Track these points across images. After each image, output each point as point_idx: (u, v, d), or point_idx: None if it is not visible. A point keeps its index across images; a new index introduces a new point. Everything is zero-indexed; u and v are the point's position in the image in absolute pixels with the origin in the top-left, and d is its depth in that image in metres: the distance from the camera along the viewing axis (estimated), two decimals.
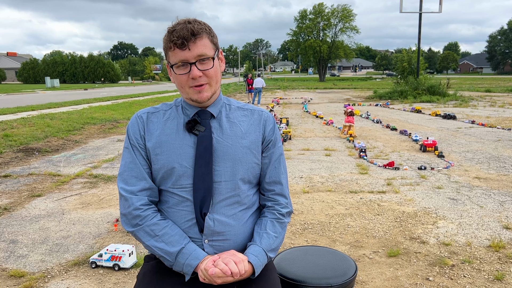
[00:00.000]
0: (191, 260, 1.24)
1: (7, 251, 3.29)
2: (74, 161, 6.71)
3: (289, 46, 68.21)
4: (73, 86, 46.88)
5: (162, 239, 1.27)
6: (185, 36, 1.22)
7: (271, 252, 1.34)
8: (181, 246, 1.26)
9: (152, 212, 1.31)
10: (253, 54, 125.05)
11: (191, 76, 1.25)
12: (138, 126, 1.35)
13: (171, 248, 1.26)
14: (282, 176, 1.44)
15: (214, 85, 1.31)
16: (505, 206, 4.21)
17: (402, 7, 20.30)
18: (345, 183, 5.20)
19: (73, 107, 15.94)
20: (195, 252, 1.26)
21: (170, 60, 1.28)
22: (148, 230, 1.28)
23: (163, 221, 1.30)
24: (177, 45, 1.23)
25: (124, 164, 1.34)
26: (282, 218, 1.40)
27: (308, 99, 19.93)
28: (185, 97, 1.33)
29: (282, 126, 9.30)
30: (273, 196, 1.42)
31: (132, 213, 1.29)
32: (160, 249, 1.27)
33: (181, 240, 1.27)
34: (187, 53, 1.24)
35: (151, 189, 1.33)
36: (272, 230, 1.36)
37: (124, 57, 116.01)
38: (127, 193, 1.30)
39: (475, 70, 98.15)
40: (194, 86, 1.27)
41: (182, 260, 1.25)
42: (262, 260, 1.29)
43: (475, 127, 10.12)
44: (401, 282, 2.75)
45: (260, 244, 1.32)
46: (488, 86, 30.49)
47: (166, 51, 1.29)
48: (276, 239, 1.36)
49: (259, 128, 1.39)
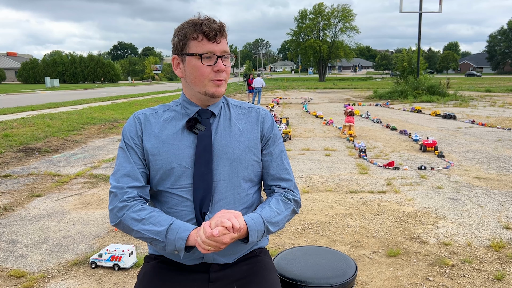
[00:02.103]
0: (181, 233, 1.20)
1: (7, 251, 3.29)
2: (74, 161, 6.71)
3: (289, 46, 68.17)
4: (73, 86, 46.86)
5: (149, 221, 1.23)
6: (218, 29, 1.25)
7: (270, 225, 1.28)
8: (169, 223, 1.22)
9: (138, 202, 1.28)
10: (253, 54, 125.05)
11: (217, 69, 1.26)
12: (135, 127, 1.34)
13: (159, 227, 1.22)
14: (287, 172, 1.42)
15: (226, 83, 1.33)
16: (505, 206, 4.21)
17: (402, 7, 20.32)
18: (345, 183, 5.20)
19: (73, 107, 15.94)
20: (184, 225, 1.22)
21: (192, 50, 1.26)
22: (134, 215, 1.25)
23: (150, 208, 1.28)
24: (209, 37, 1.24)
25: (118, 164, 1.33)
26: (288, 200, 1.38)
27: (308, 99, 19.92)
28: (200, 91, 1.30)
29: (282, 126, 9.29)
30: (279, 188, 1.41)
31: (118, 205, 1.26)
32: (148, 230, 1.23)
33: (168, 219, 1.24)
34: (215, 46, 1.25)
35: (143, 187, 1.32)
36: (275, 206, 1.33)
37: (124, 57, 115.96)
38: (117, 189, 1.28)
39: (475, 70, 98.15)
40: (215, 79, 1.28)
41: (172, 236, 1.20)
42: (258, 226, 1.24)
43: (475, 127, 10.12)
44: (401, 282, 2.75)
45: (259, 212, 1.29)
46: (488, 86, 30.50)
47: (187, 41, 1.27)
48: (277, 215, 1.31)
49: (257, 126, 1.39)
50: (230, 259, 1.34)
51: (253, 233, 1.23)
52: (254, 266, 1.36)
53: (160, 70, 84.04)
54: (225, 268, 1.33)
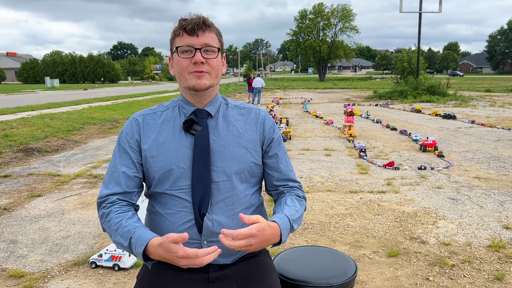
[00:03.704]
0: (138, 248, 1.15)
1: (7, 251, 3.29)
2: (74, 161, 6.71)
3: (289, 46, 68.09)
4: (73, 86, 46.85)
5: (118, 233, 1.21)
6: (196, 23, 1.25)
7: (294, 222, 1.28)
8: (129, 237, 1.17)
9: (114, 208, 1.26)
10: (253, 54, 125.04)
11: (194, 61, 1.25)
12: (132, 129, 1.35)
13: (124, 241, 1.19)
14: (292, 173, 1.45)
15: (214, 77, 1.30)
16: (505, 206, 4.21)
17: (402, 7, 20.31)
18: (345, 183, 5.20)
19: (73, 107, 15.93)
20: (140, 239, 1.16)
21: (175, 46, 1.28)
22: (108, 225, 1.24)
23: (121, 214, 1.24)
24: (187, 30, 1.25)
25: (107, 171, 1.35)
26: (300, 198, 1.40)
27: (308, 99, 19.92)
28: (183, 85, 1.31)
29: (282, 126, 9.29)
30: (287, 188, 1.43)
31: (99, 214, 1.29)
32: (118, 243, 1.21)
33: (131, 231, 1.19)
34: (195, 39, 1.25)
35: (126, 193, 1.30)
36: (292, 204, 1.34)
37: (124, 57, 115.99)
38: (100, 198, 1.30)
39: (475, 70, 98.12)
40: (194, 71, 1.27)
41: (134, 250, 1.17)
42: (286, 225, 1.24)
43: (475, 127, 10.12)
44: (401, 282, 2.75)
45: (282, 211, 1.29)
46: (488, 85, 30.49)
47: (173, 39, 1.29)
48: (296, 212, 1.32)
49: (256, 128, 1.38)
50: (230, 259, 1.34)
51: (284, 232, 1.23)
52: (253, 266, 1.36)
53: (160, 70, 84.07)
54: (224, 268, 1.32)
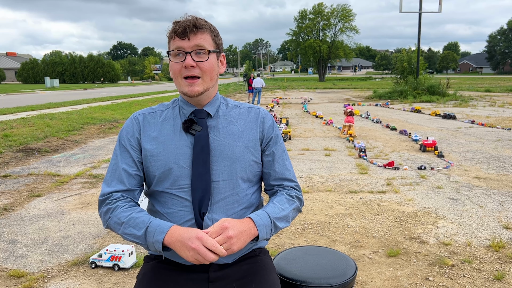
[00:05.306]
0: (157, 236, 1.18)
1: (7, 251, 3.29)
2: (74, 161, 6.71)
3: (289, 46, 68.13)
4: (72, 86, 46.82)
5: (129, 224, 1.23)
6: (187, 26, 1.25)
7: (277, 220, 1.28)
8: (146, 226, 1.21)
9: (121, 203, 1.28)
10: (252, 54, 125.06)
11: (184, 65, 1.25)
12: (133, 128, 1.35)
13: (138, 231, 1.21)
14: (289, 172, 1.43)
15: (207, 81, 1.30)
16: (505, 206, 4.21)
17: (401, 7, 20.31)
18: (345, 183, 5.20)
19: (73, 107, 15.93)
20: (160, 227, 1.20)
21: (168, 49, 1.30)
22: (116, 219, 1.25)
23: (130, 208, 1.27)
24: (177, 34, 1.25)
25: (109, 168, 1.35)
26: (291, 198, 1.38)
27: (308, 99, 19.92)
28: (179, 90, 1.33)
29: (282, 126, 9.29)
30: (281, 187, 1.42)
31: (103, 210, 1.29)
32: (129, 234, 1.23)
33: (146, 221, 1.22)
34: (185, 42, 1.25)
35: (129, 191, 1.32)
36: (278, 202, 1.33)
37: (123, 57, 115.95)
38: (103, 196, 1.30)
39: (474, 70, 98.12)
40: (186, 77, 1.27)
41: (150, 238, 1.20)
42: (265, 221, 1.24)
43: (475, 127, 10.12)
44: (401, 282, 2.75)
45: (264, 209, 1.29)
46: (487, 85, 30.50)
47: (168, 42, 1.30)
48: (282, 211, 1.31)
49: (256, 127, 1.38)
50: (230, 259, 1.34)
51: (262, 228, 1.23)
52: (253, 266, 1.36)
53: (160, 70, 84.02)
54: (224, 268, 1.32)
